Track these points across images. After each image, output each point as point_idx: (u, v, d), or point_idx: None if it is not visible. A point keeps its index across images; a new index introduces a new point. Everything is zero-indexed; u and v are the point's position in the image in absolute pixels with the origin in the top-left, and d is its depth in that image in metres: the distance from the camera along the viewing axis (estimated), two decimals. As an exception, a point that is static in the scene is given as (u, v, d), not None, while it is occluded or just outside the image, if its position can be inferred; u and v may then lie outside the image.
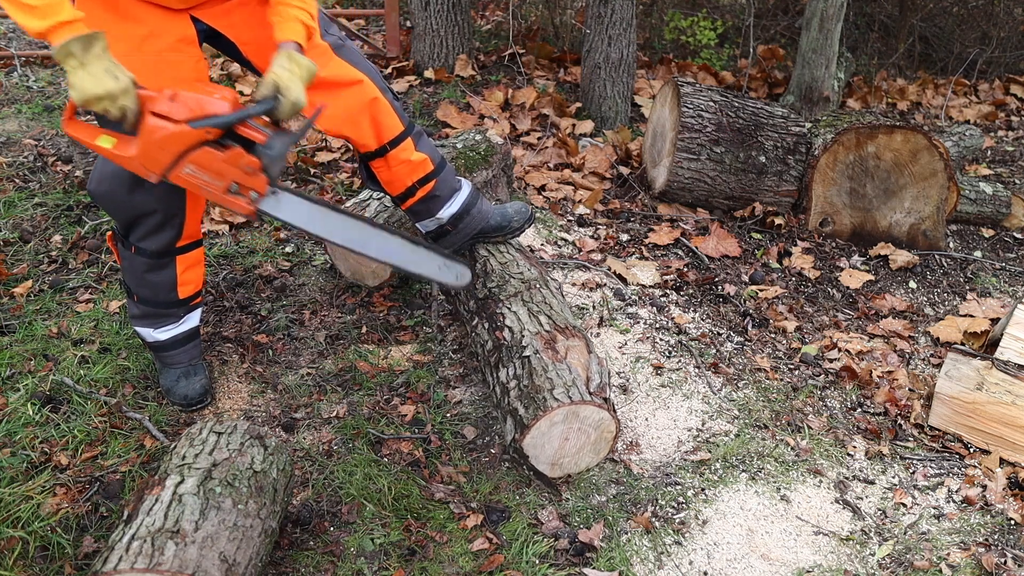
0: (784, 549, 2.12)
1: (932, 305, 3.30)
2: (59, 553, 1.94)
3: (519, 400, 2.19)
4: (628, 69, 4.25)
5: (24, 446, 2.19)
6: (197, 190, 1.91)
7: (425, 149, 2.44)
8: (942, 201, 3.51)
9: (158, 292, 2.27)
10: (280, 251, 3.18)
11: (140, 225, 2.14)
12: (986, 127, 5.07)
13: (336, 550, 2.01)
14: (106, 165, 2.06)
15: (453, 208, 2.53)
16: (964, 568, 2.09)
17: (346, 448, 2.30)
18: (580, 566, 2.00)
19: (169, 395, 2.39)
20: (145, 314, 2.31)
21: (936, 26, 5.89)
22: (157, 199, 2.09)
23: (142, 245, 2.18)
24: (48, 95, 4.37)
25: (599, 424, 2.18)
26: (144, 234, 2.16)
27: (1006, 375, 2.45)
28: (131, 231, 2.17)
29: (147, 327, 2.33)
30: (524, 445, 2.15)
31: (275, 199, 2.02)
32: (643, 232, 3.51)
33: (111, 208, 2.13)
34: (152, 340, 2.35)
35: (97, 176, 2.09)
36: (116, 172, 2.03)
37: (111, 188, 2.07)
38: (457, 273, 2.37)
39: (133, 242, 2.18)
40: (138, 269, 2.22)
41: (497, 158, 3.42)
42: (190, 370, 2.40)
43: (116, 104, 1.75)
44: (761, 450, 2.42)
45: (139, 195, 2.07)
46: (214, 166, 1.87)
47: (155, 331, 2.34)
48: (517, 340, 2.32)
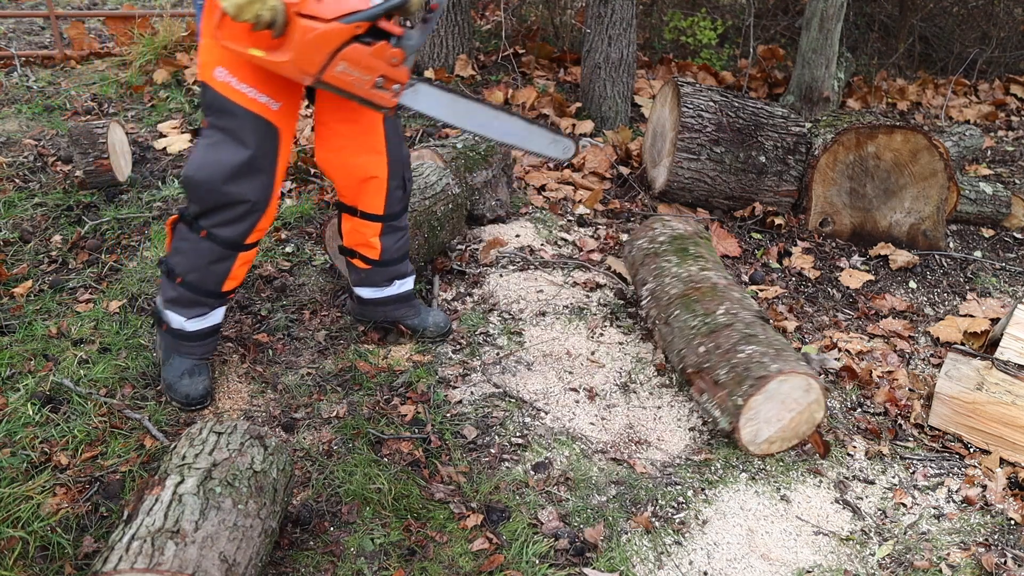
0: (784, 549, 2.12)
1: (932, 305, 3.30)
2: (59, 553, 1.94)
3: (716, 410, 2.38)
4: (628, 69, 4.25)
5: (24, 446, 2.19)
6: (349, 87, 1.99)
7: (387, 243, 2.53)
8: (942, 201, 3.52)
9: (207, 281, 2.29)
10: (280, 251, 3.18)
11: (222, 213, 2.18)
12: (986, 127, 5.07)
13: (336, 550, 2.01)
14: (207, 154, 2.11)
15: (369, 294, 2.64)
16: (964, 568, 2.09)
17: (346, 448, 2.30)
18: (580, 566, 2.00)
19: (170, 391, 2.38)
20: (182, 299, 2.30)
21: (936, 26, 5.89)
22: (251, 190, 2.15)
23: (216, 232, 2.20)
24: (48, 95, 4.37)
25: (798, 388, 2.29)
26: (222, 222, 2.19)
27: (1006, 375, 2.45)
28: (208, 217, 2.19)
29: (179, 312, 2.33)
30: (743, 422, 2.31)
31: (413, 91, 2.13)
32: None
33: (202, 194, 2.15)
34: (177, 327, 2.34)
35: (196, 163, 2.13)
36: (217, 161, 2.10)
37: (210, 175, 2.12)
38: (564, 147, 2.44)
39: (206, 227, 2.20)
40: (202, 254, 2.24)
41: (497, 158, 3.43)
42: (197, 368, 2.39)
43: (267, 6, 1.84)
44: (761, 450, 2.42)
45: (234, 185, 2.13)
46: (364, 61, 1.96)
47: (186, 319, 2.33)
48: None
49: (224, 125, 2.10)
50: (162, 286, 2.34)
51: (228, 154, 2.10)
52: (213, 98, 2.09)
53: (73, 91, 4.41)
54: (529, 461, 2.31)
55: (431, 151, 3.26)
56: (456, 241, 3.27)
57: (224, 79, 2.06)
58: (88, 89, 4.44)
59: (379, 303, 2.67)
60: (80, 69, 4.70)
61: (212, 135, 2.13)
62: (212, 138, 2.13)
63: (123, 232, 3.26)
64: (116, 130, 3.56)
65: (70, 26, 5.02)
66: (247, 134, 2.10)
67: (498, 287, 3.02)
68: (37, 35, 5.38)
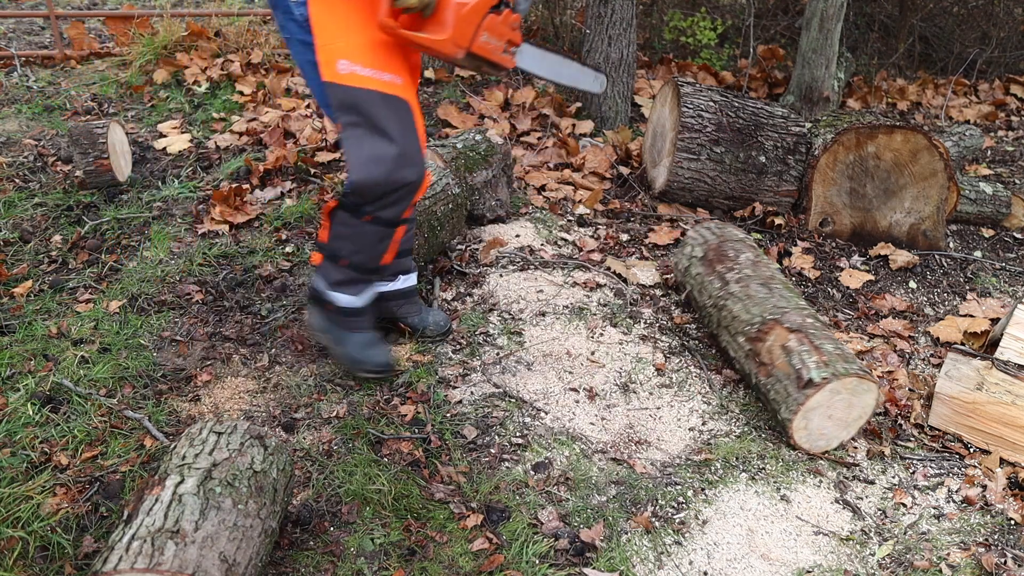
0: (784, 549, 2.12)
1: (932, 305, 3.29)
2: (59, 553, 1.94)
3: (779, 401, 2.44)
4: (628, 69, 4.25)
5: (24, 446, 2.19)
6: (490, 55, 2.16)
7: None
8: (942, 201, 3.51)
9: (374, 258, 2.39)
10: (280, 251, 3.18)
11: (388, 197, 2.23)
12: (986, 127, 5.07)
13: (336, 550, 2.01)
14: (358, 153, 2.17)
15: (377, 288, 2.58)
16: (964, 568, 2.09)
17: (346, 448, 2.30)
18: (580, 566, 2.00)
19: (359, 366, 2.48)
20: (350, 279, 2.40)
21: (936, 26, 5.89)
22: (410, 172, 2.21)
23: (381, 214, 2.27)
24: (48, 95, 4.37)
25: (835, 390, 2.36)
26: (386, 204, 2.25)
27: (1006, 375, 2.45)
28: (372, 204, 2.24)
29: (347, 293, 2.41)
30: (798, 442, 2.42)
31: (519, 51, 2.26)
32: (643, 232, 3.51)
33: (374, 192, 2.21)
34: (348, 305, 2.43)
35: (356, 167, 2.18)
36: (372, 157, 2.16)
37: (372, 174, 2.17)
38: (600, 81, 2.60)
39: (369, 212, 2.26)
40: (366, 236, 2.32)
41: (497, 158, 3.43)
42: (372, 338, 2.49)
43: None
44: (762, 450, 2.42)
45: (396, 172, 2.18)
46: (498, 29, 2.14)
47: (355, 296, 2.42)
48: (745, 371, 2.60)
49: (359, 119, 2.14)
50: (323, 271, 2.41)
51: (376, 146, 2.15)
52: (343, 94, 2.13)
53: (73, 91, 4.41)
54: (529, 461, 2.31)
55: (431, 151, 3.26)
56: (456, 241, 3.27)
57: (348, 70, 2.11)
58: (88, 89, 4.44)
59: (386, 298, 2.66)
60: (80, 69, 4.70)
61: (351, 133, 2.17)
62: (353, 136, 2.16)
63: (123, 232, 3.26)
64: (116, 130, 3.56)
65: (70, 26, 5.02)
66: (383, 119, 2.14)
67: (498, 287, 3.02)
68: (37, 35, 5.38)
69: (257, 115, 4.15)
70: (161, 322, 2.76)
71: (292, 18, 2.15)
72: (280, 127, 3.99)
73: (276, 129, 3.97)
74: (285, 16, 2.17)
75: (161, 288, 2.93)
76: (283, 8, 2.16)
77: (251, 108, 4.25)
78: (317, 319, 2.51)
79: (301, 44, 2.19)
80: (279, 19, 2.22)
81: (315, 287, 2.45)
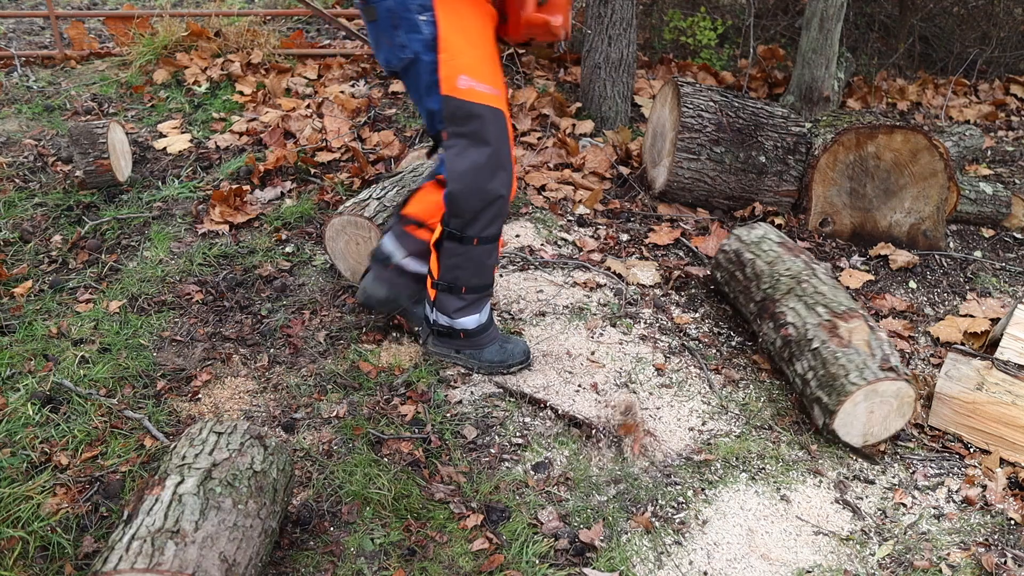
0: (784, 549, 2.12)
1: (932, 305, 3.29)
2: (59, 553, 1.94)
3: (820, 389, 2.45)
4: (628, 69, 4.25)
5: (24, 446, 2.19)
6: (567, 33, 2.38)
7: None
8: (942, 201, 3.51)
9: (487, 275, 2.47)
10: (280, 251, 3.18)
11: (486, 213, 2.34)
12: (986, 127, 5.07)
13: (336, 550, 2.01)
14: (459, 164, 2.28)
15: (409, 264, 2.60)
16: (964, 568, 2.09)
17: (346, 448, 2.30)
18: (580, 566, 2.00)
19: (501, 367, 2.56)
20: (471, 303, 2.48)
21: (936, 26, 5.89)
22: (502, 183, 2.32)
23: (485, 234, 2.37)
24: (48, 95, 4.37)
25: (897, 393, 2.38)
26: (488, 222, 2.36)
27: (1006, 375, 2.45)
28: (474, 225, 2.34)
29: (472, 314, 2.50)
30: (835, 427, 2.40)
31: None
32: (643, 232, 3.51)
33: (471, 200, 2.30)
34: (477, 326, 2.51)
35: (455, 177, 2.29)
36: (472, 167, 2.28)
37: (474, 180, 2.28)
38: None
39: (476, 235, 2.36)
40: (479, 258, 2.41)
41: (497, 158, 3.42)
42: (501, 339, 2.58)
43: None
44: (762, 450, 2.42)
45: (490, 183, 2.30)
46: (568, 6, 2.37)
47: (480, 315, 2.51)
48: (802, 334, 2.58)
49: (466, 131, 2.27)
50: (442, 304, 2.48)
51: (476, 156, 2.27)
52: (457, 107, 2.25)
53: (73, 91, 4.41)
54: (529, 461, 2.31)
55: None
56: (456, 241, 3.26)
57: (467, 85, 2.23)
58: (88, 89, 4.44)
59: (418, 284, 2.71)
60: (80, 69, 4.70)
61: (456, 143, 2.29)
62: (456, 147, 2.29)
63: (123, 232, 3.26)
64: (116, 130, 3.56)
65: (70, 26, 5.02)
66: (487, 131, 2.27)
67: (498, 287, 3.02)
68: (37, 35, 5.38)
69: (257, 115, 4.15)
70: (161, 322, 2.76)
71: (419, 36, 2.23)
72: (280, 127, 3.99)
73: (276, 129, 3.97)
74: (409, 33, 2.23)
75: (161, 288, 2.93)
76: (407, 27, 2.23)
77: (251, 108, 4.25)
78: (443, 348, 2.59)
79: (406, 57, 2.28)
80: (392, 36, 2.27)
81: (438, 323, 2.53)
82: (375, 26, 2.29)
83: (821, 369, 2.46)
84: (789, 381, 2.65)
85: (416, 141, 3.97)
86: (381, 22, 2.26)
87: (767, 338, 2.73)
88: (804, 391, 2.53)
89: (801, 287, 2.72)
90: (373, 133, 4.02)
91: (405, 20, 2.22)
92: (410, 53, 2.25)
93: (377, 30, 2.30)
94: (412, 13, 2.20)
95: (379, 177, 3.60)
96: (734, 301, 3.00)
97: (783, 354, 2.64)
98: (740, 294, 2.92)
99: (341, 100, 4.24)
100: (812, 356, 2.51)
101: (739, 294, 2.93)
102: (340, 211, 2.87)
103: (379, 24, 2.27)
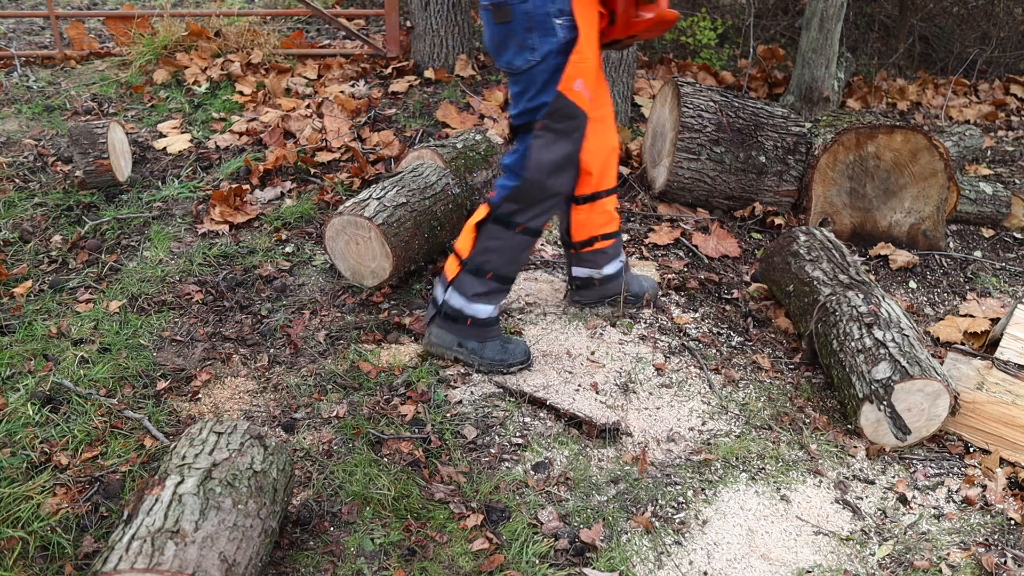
0: (784, 549, 2.12)
1: (932, 305, 3.29)
2: (59, 553, 1.94)
3: (900, 355, 2.45)
4: (628, 69, 4.25)
5: (24, 446, 2.19)
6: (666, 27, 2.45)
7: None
8: (942, 201, 3.52)
9: (514, 268, 2.56)
10: (280, 251, 3.18)
11: (542, 205, 2.46)
12: (986, 127, 5.07)
13: (336, 550, 2.01)
14: (540, 155, 2.38)
15: (610, 269, 2.83)
16: (964, 568, 2.09)
17: (346, 448, 2.30)
18: (580, 566, 2.00)
19: (503, 365, 2.59)
20: (492, 291, 2.54)
21: (936, 26, 5.89)
22: (565, 183, 2.48)
23: (531, 224, 2.47)
24: (48, 95, 4.37)
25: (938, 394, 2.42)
26: (538, 213, 2.47)
27: (1006, 375, 2.45)
28: (526, 213, 2.45)
29: (488, 304, 2.55)
30: (896, 389, 2.39)
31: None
32: (643, 232, 3.51)
33: (537, 190, 2.42)
34: (486, 316, 2.57)
35: (531, 164, 2.39)
36: (549, 160, 2.39)
37: (549, 172, 2.41)
38: None
39: (522, 222, 2.46)
40: (516, 248, 2.50)
41: (497, 158, 3.43)
42: (503, 338, 2.63)
43: None
44: (762, 450, 2.42)
45: (555, 179, 2.43)
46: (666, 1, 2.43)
47: (492, 307, 2.57)
48: (895, 321, 2.60)
49: (561, 128, 2.38)
50: (462, 284, 2.52)
51: (558, 152, 2.39)
52: (564, 105, 2.35)
53: (73, 91, 4.41)
54: (529, 461, 2.31)
55: (431, 151, 3.26)
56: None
57: (579, 88, 2.35)
58: (88, 89, 4.44)
59: (609, 279, 2.85)
60: (80, 69, 4.70)
61: (545, 136, 2.37)
62: (545, 139, 2.38)
63: (123, 232, 3.26)
64: (116, 130, 3.56)
65: (70, 26, 5.02)
66: (578, 133, 2.41)
67: (498, 287, 3.02)
68: (37, 35, 5.38)
69: (257, 115, 4.15)
70: (161, 322, 2.76)
71: (553, 39, 2.30)
72: (280, 127, 3.99)
73: (276, 129, 3.97)
74: (543, 37, 2.30)
75: (161, 288, 2.93)
76: (542, 31, 2.30)
77: (251, 108, 4.25)
78: (445, 336, 2.60)
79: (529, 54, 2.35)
80: (524, 38, 2.32)
81: (450, 304, 2.55)
82: (506, 27, 2.32)
83: (907, 346, 2.53)
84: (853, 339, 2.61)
85: (416, 141, 3.97)
86: (515, 23, 2.29)
87: (850, 300, 2.72)
88: (876, 350, 2.53)
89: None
90: (373, 133, 4.02)
91: (541, 24, 2.28)
92: (538, 56, 2.31)
93: (507, 31, 2.32)
94: (550, 17, 2.27)
95: (379, 177, 3.60)
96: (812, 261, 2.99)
97: (865, 319, 2.63)
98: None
99: (341, 100, 4.24)
100: (899, 334, 2.57)
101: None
102: (340, 211, 2.87)
103: (512, 25, 2.30)
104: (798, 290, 2.91)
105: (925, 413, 2.42)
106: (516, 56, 2.34)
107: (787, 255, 3.01)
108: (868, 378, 2.44)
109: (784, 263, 3.01)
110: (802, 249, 2.98)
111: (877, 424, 2.44)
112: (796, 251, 2.98)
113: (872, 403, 2.41)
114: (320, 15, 4.73)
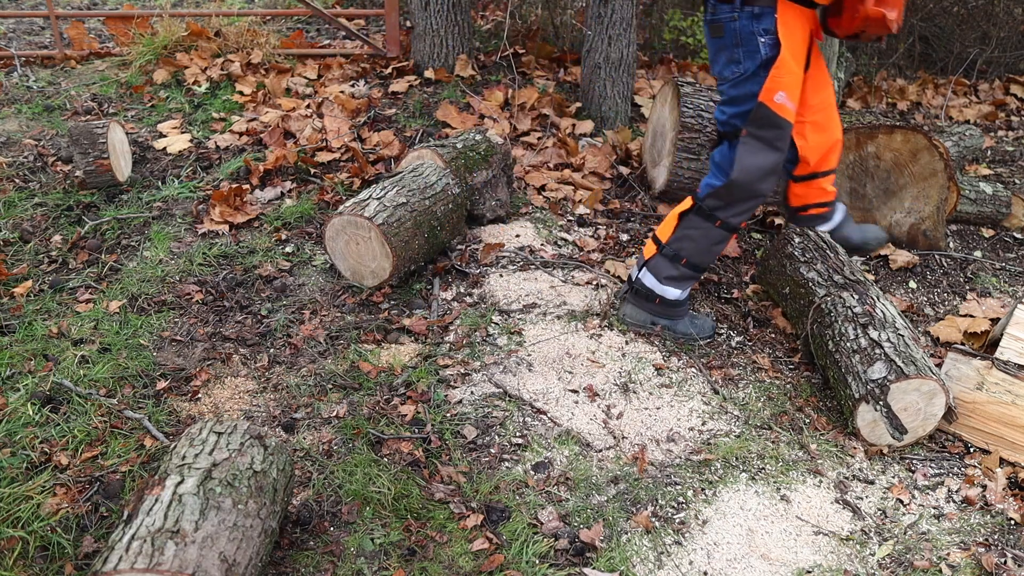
0: (784, 549, 2.12)
1: (932, 305, 3.29)
2: (59, 553, 1.94)
3: (896, 355, 2.47)
4: (628, 69, 4.25)
5: (24, 446, 2.19)
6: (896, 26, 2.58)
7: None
8: (942, 201, 3.51)
9: (708, 259, 2.77)
10: (280, 251, 3.18)
11: (744, 204, 2.66)
12: (986, 127, 5.07)
13: (336, 550, 2.01)
14: (748, 160, 2.57)
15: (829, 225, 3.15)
16: (964, 568, 2.09)
17: (346, 448, 2.30)
18: (580, 566, 2.00)
19: (693, 339, 2.85)
20: (684, 276, 2.77)
21: (936, 26, 5.89)
22: (770, 187, 2.65)
23: (731, 220, 2.68)
24: (48, 95, 4.37)
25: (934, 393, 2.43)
26: (739, 212, 2.67)
27: (1006, 375, 2.45)
28: (728, 210, 2.65)
29: (678, 287, 2.78)
30: (892, 388, 2.40)
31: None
32: (643, 232, 3.51)
33: (743, 191, 2.62)
34: (674, 298, 2.80)
35: (739, 169, 2.58)
36: (757, 166, 2.58)
37: (749, 178, 2.59)
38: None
39: (722, 217, 2.67)
40: (712, 240, 2.72)
41: (497, 158, 3.42)
42: (692, 315, 2.89)
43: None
44: (761, 450, 2.42)
45: (763, 183, 2.62)
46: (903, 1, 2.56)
47: (682, 292, 2.80)
48: (889, 321, 2.63)
49: (766, 136, 2.57)
50: (656, 266, 2.77)
51: (765, 159, 2.58)
52: (767, 115, 2.55)
53: (73, 91, 4.41)
54: (529, 461, 2.31)
55: (431, 151, 3.26)
56: (456, 241, 3.27)
57: (782, 101, 2.54)
58: (88, 89, 4.44)
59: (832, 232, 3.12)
60: (80, 69, 4.70)
61: (751, 143, 2.58)
62: (751, 146, 2.58)
63: (123, 232, 3.26)
64: (116, 130, 3.56)
65: (70, 26, 5.02)
66: (782, 142, 2.60)
67: (498, 287, 3.02)
68: (37, 35, 5.38)
69: (257, 115, 4.15)
70: (161, 322, 2.76)
71: (757, 55, 2.53)
72: (280, 127, 3.99)
73: (276, 129, 3.97)
74: (749, 52, 2.54)
75: (161, 288, 2.93)
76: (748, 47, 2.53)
77: (251, 108, 4.25)
78: (639, 313, 2.85)
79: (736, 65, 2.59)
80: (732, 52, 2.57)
81: (643, 283, 2.80)
82: (720, 41, 2.59)
83: (902, 346, 2.56)
84: (847, 339, 2.62)
85: (416, 140, 3.97)
86: (727, 39, 2.56)
87: (844, 301, 2.75)
88: (871, 350, 2.55)
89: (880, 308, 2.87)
90: (373, 133, 4.02)
91: (748, 41, 2.53)
92: (743, 69, 2.56)
93: (720, 44, 2.60)
94: (755, 36, 2.51)
95: (379, 177, 3.60)
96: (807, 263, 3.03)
97: (860, 319, 2.65)
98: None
99: (341, 100, 4.24)
100: (894, 334, 2.60)
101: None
102: (340, 211, 2.87)
103: (724, 40, 2.57)
104: (794, 292, 2.91)
105: (921, 412, 2.42)
106: (726, 67, 2.61)
107: (782, 257, 3.01)
108: (864, 378, 2.43)
109: (779, 265, 3.01)
110: (796, 251, 2.97)
111: (874, 424, 2.44)
112: (791, 253, 2.98)
113: (868, 403, 2.41)
114: (320, 15, 4.73)
